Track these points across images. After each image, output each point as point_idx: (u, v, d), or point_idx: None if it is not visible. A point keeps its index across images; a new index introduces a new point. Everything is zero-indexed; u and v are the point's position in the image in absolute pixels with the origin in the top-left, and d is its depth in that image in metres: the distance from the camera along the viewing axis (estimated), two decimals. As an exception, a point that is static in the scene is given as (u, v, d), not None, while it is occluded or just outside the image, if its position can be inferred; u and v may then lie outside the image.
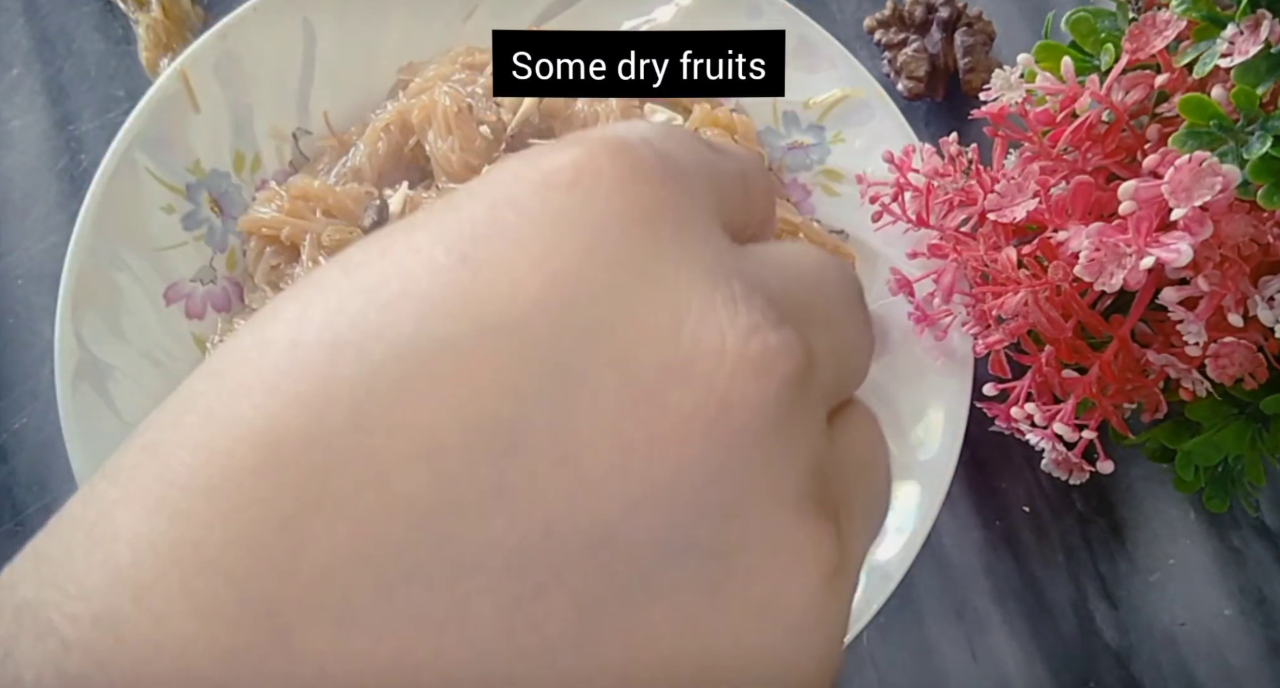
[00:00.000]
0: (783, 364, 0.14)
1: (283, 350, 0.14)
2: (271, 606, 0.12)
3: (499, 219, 0.14)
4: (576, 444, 0.13)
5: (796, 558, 0.14)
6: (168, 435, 0.13)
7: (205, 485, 0.13)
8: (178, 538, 0.12)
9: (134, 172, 0.36)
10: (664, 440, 0.13)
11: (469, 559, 0.13)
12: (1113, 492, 0.40)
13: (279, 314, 0.14)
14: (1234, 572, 0.39)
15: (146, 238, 0.36)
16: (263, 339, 0.14)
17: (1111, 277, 0.27)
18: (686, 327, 0.14)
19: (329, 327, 0.13)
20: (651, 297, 0.14)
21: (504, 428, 0.13)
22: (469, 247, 0.14)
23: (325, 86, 0.39)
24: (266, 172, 0.38)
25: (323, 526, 0.12)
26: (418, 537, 0.12)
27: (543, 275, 0.14)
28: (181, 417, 0.14)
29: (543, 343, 0.13)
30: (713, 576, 0.14)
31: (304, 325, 0.14)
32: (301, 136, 0.39)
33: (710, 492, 0.13)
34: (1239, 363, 0.30)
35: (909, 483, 0.36)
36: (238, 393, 0.13)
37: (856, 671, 0.38)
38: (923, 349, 0.37)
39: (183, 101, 0.37)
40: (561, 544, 0.13)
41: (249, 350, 0.14)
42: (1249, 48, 0.26)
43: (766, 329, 0.14)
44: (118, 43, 0.43)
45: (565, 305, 0.13)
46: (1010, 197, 0.31)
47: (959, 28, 0.42)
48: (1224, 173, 0.26)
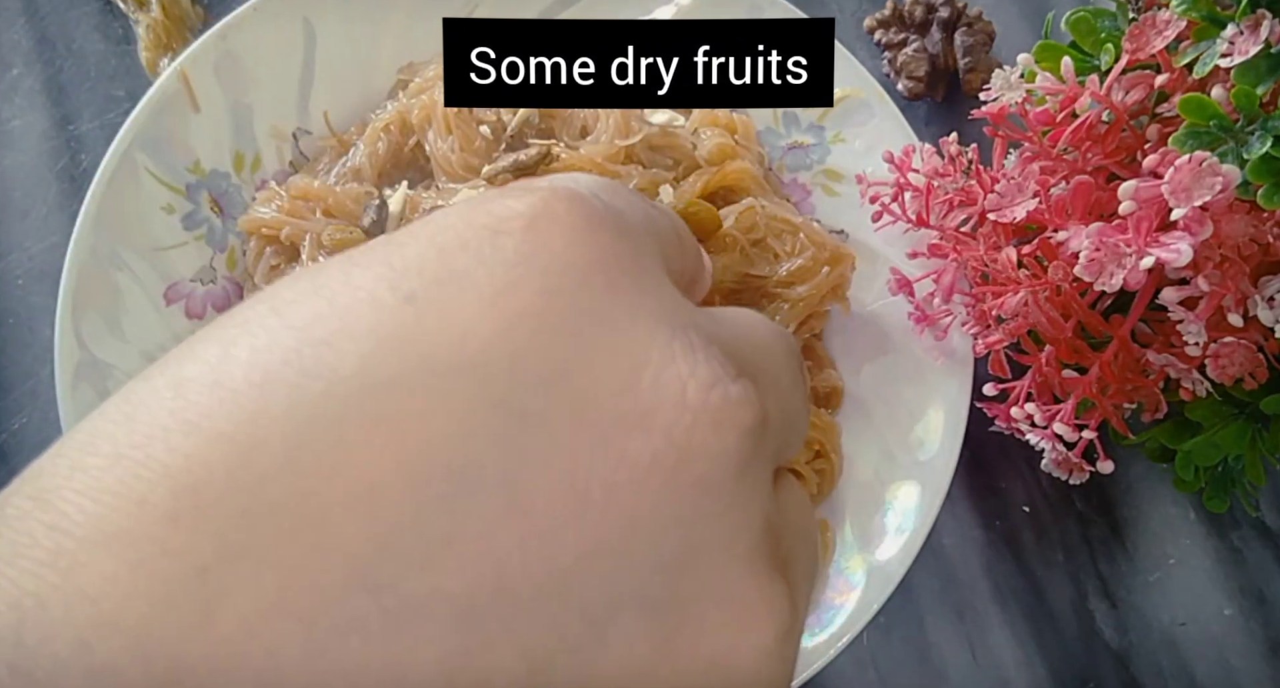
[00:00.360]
0: (743, 417, 0.14)
1: (204, 389, 0.13)
2: (179, 669, 0.11)
3: (449, 261, 0.14)
4: (530, 491, 0.12)
5: (750, 614, 0.14)
6: (64, 482, 0.12)
7: (108, 535, 0.11)
8: (72, 593, 0.11)
9: (134, 172, 0.36)
10: (620, 490, 0.13)
11: (412, 610, 0.12)
12: (1113, 492, 0.40)
13: (196, 354, 0.13)
14: (1234, 572, 0.39)
15: (146, 238, 0.36)
16: (178, 379, 0.13)
17: (1111, 277, 0.27)
18: (646, 375, 0.13)
19: (257, 366, 0.13)
20: (610, 343, 0.13)
21: (454, 472, 0.12)
22: (416, 286, 0.13)
23: (325, 86, 0.39)
24: (266, 171, 0.38)
25: (247, 575, 0.11)
26: (355, 586, 0.12)
27: (497, 317, 0.13)
28: (81, 460, 0.12)
29: (497, 385, 0.13)
30: (665, 629, 0.13)
31: (227, 364, 0.13)
32: (301, 136, 0.39)
33: (665, 543, 0.13)
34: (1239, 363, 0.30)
35: (909, 483, 0.36)
36: (151, 434, 0.12)
37: (857, 671, 0.38)
38: (923, 349, 0.37)
39: (183, 101, 0.37)
40: (511, 595, 0.12)
41: (162, 391, 0.13)
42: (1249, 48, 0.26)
43: (727, 381, 0.14)
44: (118, 43, 0.43)
45: (521, 348, 0.13)
46: (1010, 197, 0.31)
47: (959, 28, 0.42)
48: (1224, 173, 0.26)
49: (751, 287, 0.35)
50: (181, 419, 0.12)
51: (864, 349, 0.38)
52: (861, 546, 0.35)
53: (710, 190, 0.36)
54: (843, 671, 0.38)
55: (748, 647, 0.14)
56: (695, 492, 0.13)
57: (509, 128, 0.36)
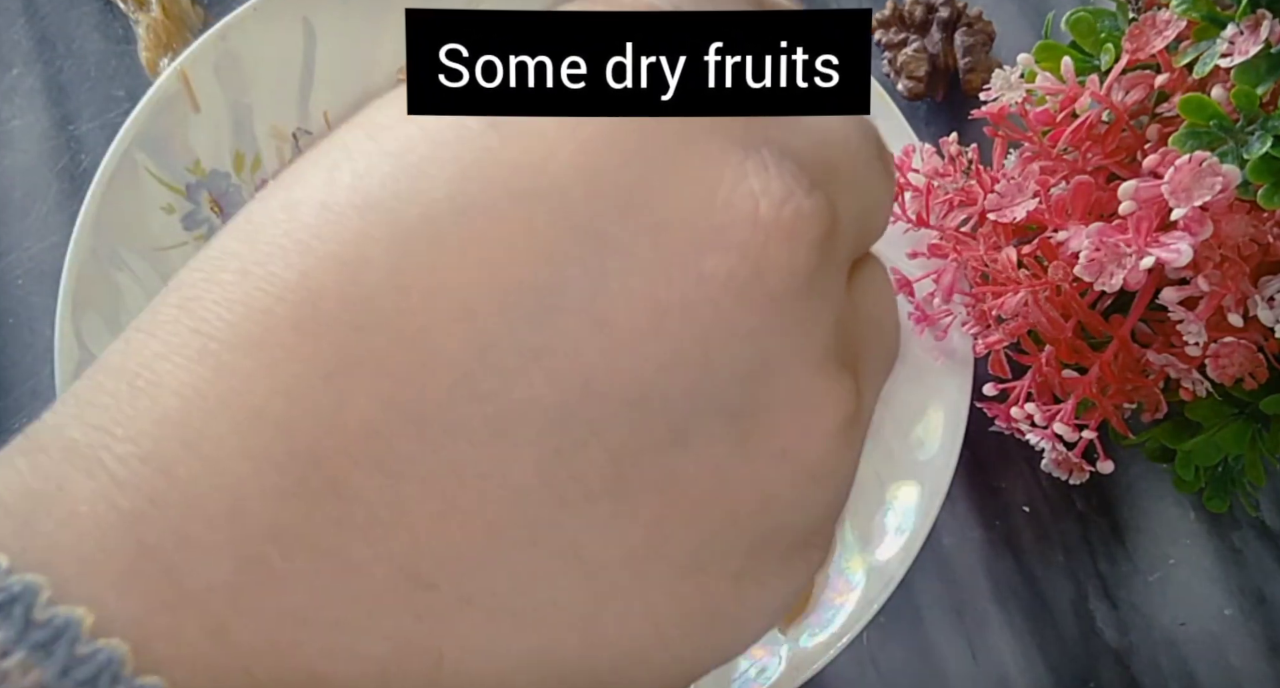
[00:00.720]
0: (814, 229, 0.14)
1: (313, 211, 0.13)
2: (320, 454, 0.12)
3: None
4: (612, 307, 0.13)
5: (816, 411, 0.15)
6: (203, 292, 0.13)
7: (246, 341, 0.13)
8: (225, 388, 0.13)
9: (134, 172, 0.36)
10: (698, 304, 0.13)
11: (510, 415, 0.13)
12: (1113, 492, 0.40)
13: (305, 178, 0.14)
14: (1234, 572, 0.39)
15: (146, 238, 0.36)
16: (290, 201, 0.14)
17: (1111, 277, 0.27)
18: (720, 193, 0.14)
19: (358, 189, 0.13)
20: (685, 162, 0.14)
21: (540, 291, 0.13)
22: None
23: (325, 86, 0.39)
24: (266, 171, 0.38)
25: (365, 382, 0.13)
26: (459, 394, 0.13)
27: (575, 142, 0.14)
28: (215, 275, 0.14)
29: (576, 208, 0.13)
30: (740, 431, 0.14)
31: (333, 188, 0.14)
32: (301, 136, 0.39)
33: (740, 354, 0.14)
34: (1239, 363, 0.30)
35: (909, 483, 0.36)
36: (270, 253, 0.13)
37: (856, 671, 0.38)
38: (923, 349, 0.37)
39: (183, 101, 0.37)
40: (599, 402, 0.13)
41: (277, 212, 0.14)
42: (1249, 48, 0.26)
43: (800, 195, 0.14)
44: (118, 43, 0.43)
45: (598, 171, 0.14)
46: (1010, 197, 0.31)
47: (959, 28, 0.42)
48: (1224, 173, 0.26)
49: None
50: (295, 239, 0.13)
51: (864, 349, 0.37)
52: (861, 546, 0.35)
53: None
54: (843, 671, 0.38)
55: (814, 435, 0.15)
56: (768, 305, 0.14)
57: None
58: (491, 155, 0.14)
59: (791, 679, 0.33)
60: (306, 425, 0.12)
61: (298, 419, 0.12)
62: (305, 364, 0.13)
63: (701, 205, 0.14)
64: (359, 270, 0.13)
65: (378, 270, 0.13)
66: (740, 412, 0.14)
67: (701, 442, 0.14)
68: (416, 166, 0.14)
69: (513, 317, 0.13)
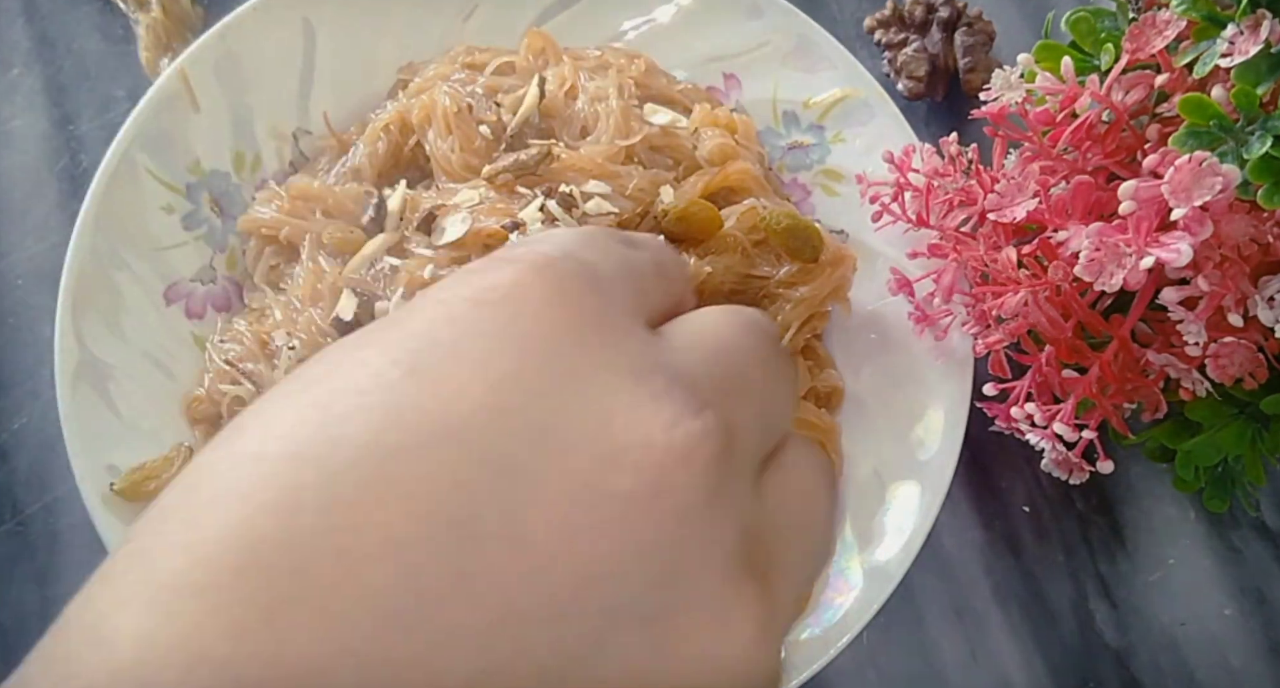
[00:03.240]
0: (705, 448, 0.16)
1: (250, 463, 0.15)
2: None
3: (438, 335, 0.16)
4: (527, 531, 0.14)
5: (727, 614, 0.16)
6: (152, 543, 0.15)
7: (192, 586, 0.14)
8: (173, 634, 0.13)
9: (134, 171, 0.36)
10: (606, 523, 0.15)
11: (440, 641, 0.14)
12: (1113, 492, 0.40)
13: (244, 431, 0.16)
14: (1234, 572, 0.39)
15: (146, 238, 0.36)
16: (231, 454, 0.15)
17: (1111, 277, 0.27)
18: (617, 421, 0.15)
19: (291, 440, 0.15)
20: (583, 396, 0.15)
21: (461, 521, 0.14)
22: (414, 360, 0.15)
23: (325, 86, 0.39)
24: (266, 171, 0.38)
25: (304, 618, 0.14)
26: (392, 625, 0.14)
27: (483, 384, 0.15)
28: (163, 526, 0.15)
29: (489, 444, 0.15)
30: (657, 637, 0.15)
31: (267, 440, 0.15)
32: (301, 136, 0.39)
33: (649, 566, 0.15)
34: (1239, 363, 0.30)
35: (909, 483, 0.36)
36: (213, 502, 0.15)
37: (856, 671, 0.38)
38: (923, 349, 0.37)
39: (183, 101, 0.37)
40: (520, 622, 0.14)
41: (219, 464, 0.15)
42: (1249, 48, 0.26)
43: (688, 418, 0.16)
44: (118, 43, 0.43)
45: (506, 409, 0.15)
46: (1010, 197, 0.31)
47: (959, 28, 0.42)
48: (1224, 173, 0.26)
49: (753, 287, 0.35)
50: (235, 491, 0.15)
51: (864, 349, 0.37)
52: (861, 545, 0.35)
53: (711, 191, 0.36)
54: (843, 671, 0.38)
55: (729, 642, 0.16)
56: (672, 518, 0.15)
57: (509, 128, 0.36)
58: (410, 400, 0.15)
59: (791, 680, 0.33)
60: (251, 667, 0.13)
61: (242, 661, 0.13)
62: (246, 607, 0.14)
63: (601, 433, 0.15)
64: (293, 515, 0.14)
65: (310, 513, 0.14)
66: (654, 619, 0.15)
67: (620, 650, 0.15)
68: (342, 416, 0.15)
69: (437, 545, 0.14)
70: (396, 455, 0.14)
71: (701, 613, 0.16)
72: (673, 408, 0.16)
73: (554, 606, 0.14)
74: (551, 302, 0.16)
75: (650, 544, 0.15)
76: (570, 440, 0.15)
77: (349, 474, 0.14)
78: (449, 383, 0.15)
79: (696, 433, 0.15)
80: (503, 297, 0.16)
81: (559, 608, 0.15)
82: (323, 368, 0.16)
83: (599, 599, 0.15)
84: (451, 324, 0.16)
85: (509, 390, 0.15)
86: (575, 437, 0.15)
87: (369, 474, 0.14)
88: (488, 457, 0.15)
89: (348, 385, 0.15)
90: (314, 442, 0.15)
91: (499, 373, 0.15)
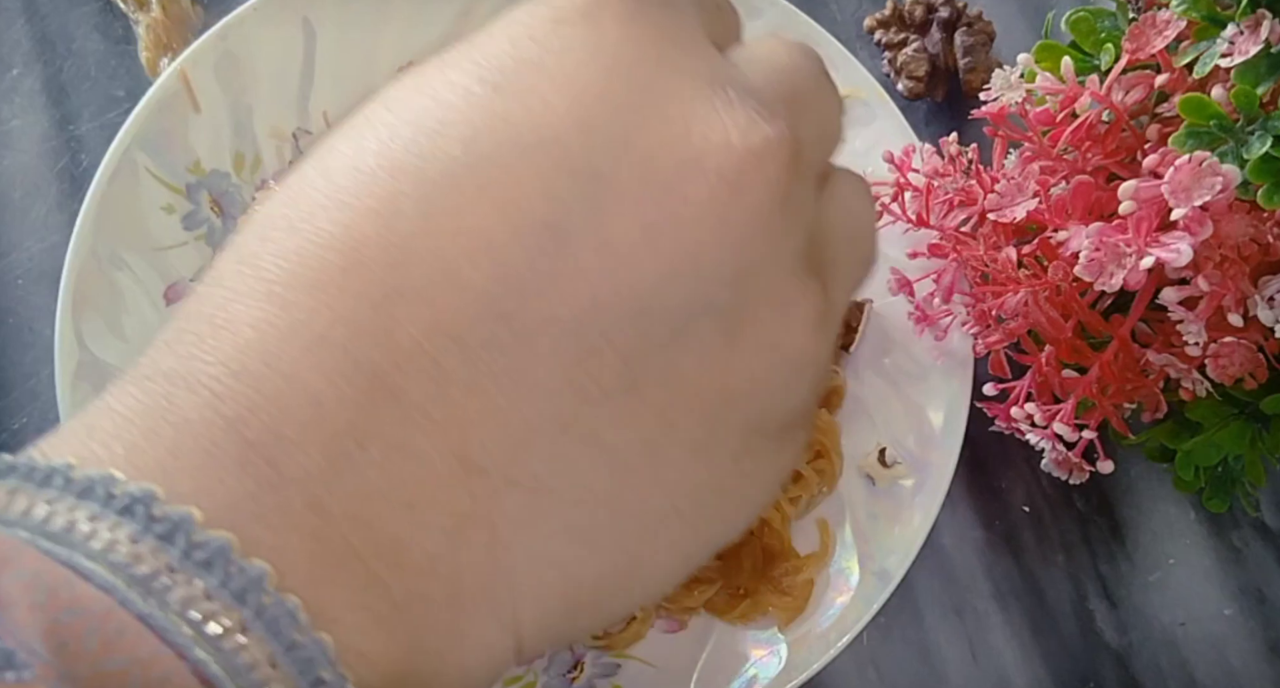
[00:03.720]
0: (779, 152, 0.16)
1: (347, 175, 0.16)
2: (378, 369, 0.15)
3: (522, 52, 0.16)
4: (611, 232, 0.16)
5: (792, 309, 0.17)
6: (258, 248, 0.16)
7: (304, 283, 0.15)
8: (292, 321, 0.15)
9: (134, 172, 0.36)
10: (685, 223, 0.16)
11: (532, 330, 0.15)
12: (1113, 492, 0.40)
13: (335, 149, 0.16)
14: (1234, 572, 0.39)
15: (146, 238, 0.36)
16: (325, 168, 0.16)
17: (1111, 277, 0.27)
18: (695, 129, 0.16)
19: (385, 154, 0.16)
20: (663, 108, 0.16)
21: (549, 224, 0.15)
22: (499, 78, 0.16)
23: (325, 86, 0.39)
24: (266, 172, 0.38)
25: (409, 310, 0.15)
26: (487, 314, 0.15)
27: (568, 97, 0.16)
28: (267, 233, 0.16)
29: (574, 154, 0.16)
30: (729, 328, 0.17)
31: (361, 154, 0.16)
32: (301, 137, 0.39)
33: (724, 263, 0.16)
34: (1239, 363, 0.30)
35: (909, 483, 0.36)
36: (314, 211, 0.16)
37: (856, 671, 0.38)
38: (923, 349, 0.37)
39: (183, 101, 0.37)
40: (607, 313, 0.16)
41: (315, 179, 0.16)
42: (1249, 48, 0.26)
43: (762, 123, 0.16)
44: (118, 43, 0.43)
45: (591, 121, 0.16)
46: (1010, 197, 0.31)
47: (959, 28, 0.42)
48: (1224, 173, 0.26)
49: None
50: (335, 199, 0.16)
51: (864, 349, 0.38)
52: (861, 545, 0.35)
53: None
54: (843, 671, 0.38)
55: (792, 331, 0.17)
56: (745, 219, 0.16)
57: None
58: (498, 115, 0.16)
59: (791, 679, 0.33)
60: (365, 347, 0.15)
61: (357, 342, 0.15)
62: (357, 299, 0.15)
63: (681, 140, 0.16)
64: (392, 220, 0.15)
65: (409, 219, 0.15)
66: (728, 312, 0.17)
67: (697, 340, 0.16)
68: (433, 130, 0.16)
69: (528, 247, 0.15)
70: (488, 165, 0.15)
71: (769, 305, 0.17)
72: (747, 115, 0.16)
73: (636, 300, 0.16)
74: (630, 18, 0.17)
75: (727, 242, 0.16)
76: (652, 149, 0.16)
77: (444, 182, 0.15)
78: (536, 97, 0.16)
79: (772, 138, 0.16)
80: (582, 15, 0.17)
81: (641, 302, 0.16)
82: (407, 88, 0.17)
83: (678, 293, 0.16)
84: (534, 43, 0.16)
85: (594, 104, 0.16)
86: (656, 146, 0.16)
87: (463, 182, 0.15)
88: (575, 166, 0.15)
89: (436, 103, 0.16)
90: (408, 153, 0.16)
91: (583, 87, 0.16)
